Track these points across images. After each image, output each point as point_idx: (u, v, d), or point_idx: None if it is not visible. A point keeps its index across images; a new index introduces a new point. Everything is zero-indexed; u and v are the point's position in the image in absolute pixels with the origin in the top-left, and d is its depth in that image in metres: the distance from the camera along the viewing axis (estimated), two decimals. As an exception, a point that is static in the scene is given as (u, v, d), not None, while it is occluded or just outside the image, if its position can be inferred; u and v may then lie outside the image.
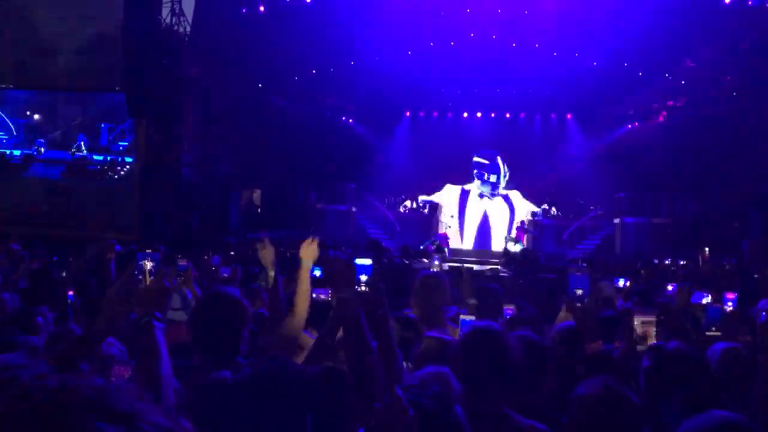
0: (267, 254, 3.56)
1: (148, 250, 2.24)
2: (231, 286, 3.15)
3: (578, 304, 2.77)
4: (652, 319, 2.90)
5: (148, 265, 2.11)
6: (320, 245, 3.31)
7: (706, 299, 4.36)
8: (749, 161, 17.39)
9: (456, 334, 3.08)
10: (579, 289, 2.81)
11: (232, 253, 10.69)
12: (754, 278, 8.83)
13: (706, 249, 14.02)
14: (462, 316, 3.19)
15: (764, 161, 16.93)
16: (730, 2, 16.78)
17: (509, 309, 4.01)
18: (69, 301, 4.08)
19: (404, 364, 2.56)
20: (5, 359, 1.58)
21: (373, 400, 1.84)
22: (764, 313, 3.00)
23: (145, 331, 1.98)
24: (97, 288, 4.99)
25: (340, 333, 2.34)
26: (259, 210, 20.08)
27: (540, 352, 2.63)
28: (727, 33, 16.82)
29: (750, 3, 16.74)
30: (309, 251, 3.23)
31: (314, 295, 4.50)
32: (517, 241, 18.98)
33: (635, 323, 2.83)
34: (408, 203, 21.83)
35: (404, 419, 1.52)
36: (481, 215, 21.50)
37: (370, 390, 1.99)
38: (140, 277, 2.10)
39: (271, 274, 3.48)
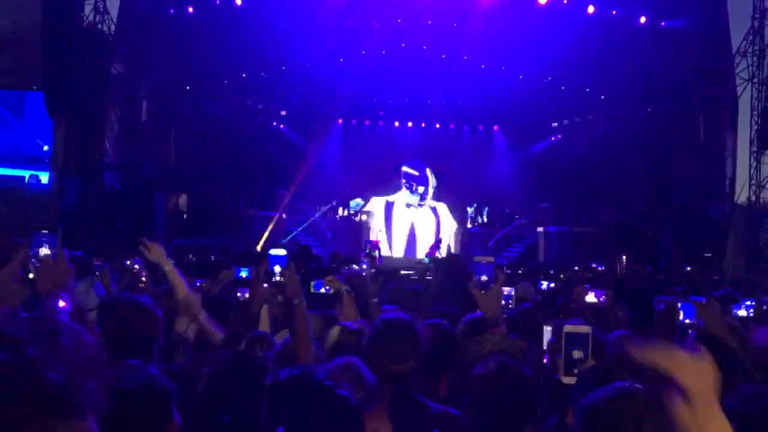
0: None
1: (45, 231, 2.09)
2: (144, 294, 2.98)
3: (482, 291, 2.92)
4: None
5: (45, 251, 2.03)
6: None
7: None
8: (663, 174, 18.39)
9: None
10: (484, 275, 2.95)
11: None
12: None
13: (624, 256, 14.80)
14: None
15: (675, 173, 17.97)
16: (645, 22, 17.80)
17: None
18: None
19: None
20: None
21: None
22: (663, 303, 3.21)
23: (47, 312, 1.91)
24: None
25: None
26: (185, 216, 19.53)
27: (450, 340, 2.72)
28: (639, 52, 17.79)
29: (663, 24, 17.81)
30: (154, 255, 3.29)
31: (239, 294, 4.49)
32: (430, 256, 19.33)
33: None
34: (341, 211, 21.81)
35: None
36: (409, 225, 21.92)
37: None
38: (37, 263, 2.01)
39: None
